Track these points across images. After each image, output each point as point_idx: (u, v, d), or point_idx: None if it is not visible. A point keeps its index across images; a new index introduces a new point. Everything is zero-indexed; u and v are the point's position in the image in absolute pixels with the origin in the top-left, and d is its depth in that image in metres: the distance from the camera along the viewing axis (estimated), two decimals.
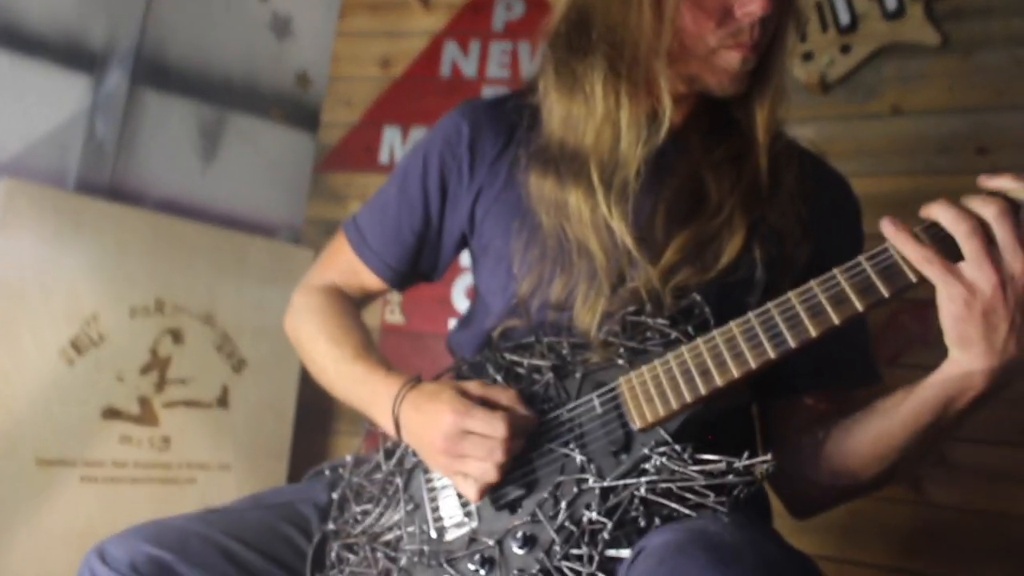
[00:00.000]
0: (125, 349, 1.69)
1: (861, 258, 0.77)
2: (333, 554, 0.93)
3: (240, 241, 1.90)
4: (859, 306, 0.76)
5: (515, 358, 0.94)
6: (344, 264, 1.11)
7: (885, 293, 0.75)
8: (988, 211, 0.71)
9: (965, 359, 0.75)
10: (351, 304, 1.12)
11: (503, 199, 0.99)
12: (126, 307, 1.69)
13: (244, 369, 1.89)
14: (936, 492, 1.63)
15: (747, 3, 0.87)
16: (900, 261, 0.75)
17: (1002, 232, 0.71)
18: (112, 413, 1.67)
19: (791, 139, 1.00)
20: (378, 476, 0.96)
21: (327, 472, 1.06)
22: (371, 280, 1.10)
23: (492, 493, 0.86)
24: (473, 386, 0.88)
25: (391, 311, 2.15)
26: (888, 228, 0.74)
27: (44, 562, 1.56)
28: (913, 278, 0.75)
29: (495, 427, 0.82)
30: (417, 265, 1.09)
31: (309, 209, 2.28)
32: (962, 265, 0.72)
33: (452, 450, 0.85)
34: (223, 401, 1.85)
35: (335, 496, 0.98)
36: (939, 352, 0.79)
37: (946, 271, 0.72)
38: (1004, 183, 0.73)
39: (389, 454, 0.96)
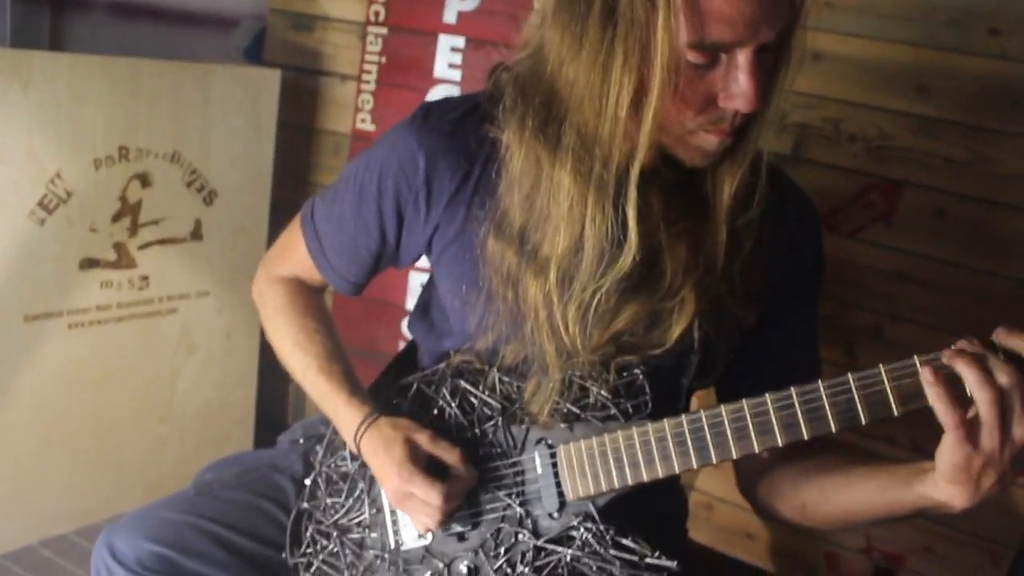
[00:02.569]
0: (94, 201, 1.69)
1: (793, 392, 0.82)
2: (308, 534, 1.08)
3: (200, 72, 1.79)
4: (780, 440, 0.83)
5: (470, 388, 1.01)
6: (303, 260, 1.11)
7: (806, 435, 0.82)
8: (1006, 380, 0.74)
9: (949, 491, 0.79)
10: (314, 297, 1.15)
11: (457, 251, 0.98)
12: (89, 159, 1.65)
13: (215, 200, 1.91)
14: None
15: (733, 97, 0.81)
16: (859, 403, 0.78)
17: (1017, 402, 0.74)
18: (89, 263, 1.72)
19: (757, 175, 0.90)
20: (345, 470, 1.08)
21: (301, 441, 1.17)
22: None
23: None
24: (424, 439, 0.96)
25: (362, 119, 2.11)
26: (928, 376, 0.75)
27: (46, 404, 1.72)
28: (831, 428, 0.81)
29: (432, 497, 0.92)
30: (377, 271, 1.09)
31: None
32: (975, 425, 0.75)
33: (398, 504, 0.97)
34: (196, 234, 1.89)
35: (307, 483, 1.10)
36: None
37: (965, 431, 0.75)
38: (1021, 345, 0.75)
39: (355, 455, 1.07)
